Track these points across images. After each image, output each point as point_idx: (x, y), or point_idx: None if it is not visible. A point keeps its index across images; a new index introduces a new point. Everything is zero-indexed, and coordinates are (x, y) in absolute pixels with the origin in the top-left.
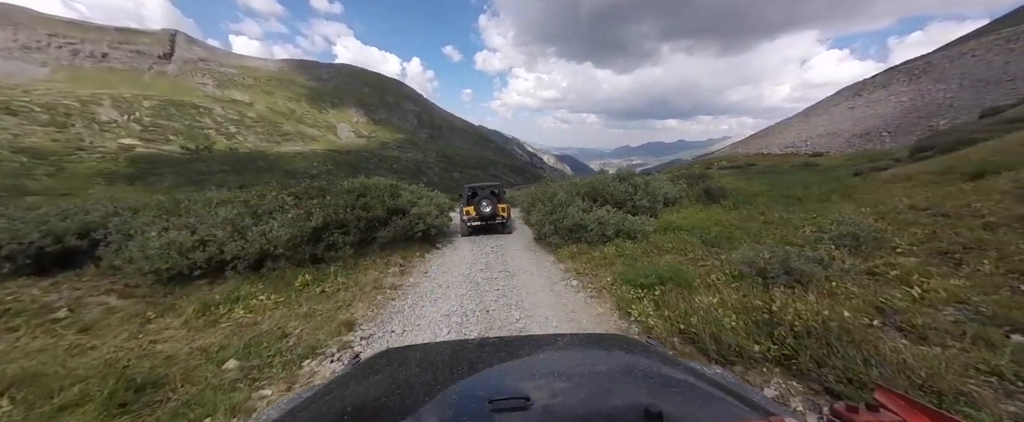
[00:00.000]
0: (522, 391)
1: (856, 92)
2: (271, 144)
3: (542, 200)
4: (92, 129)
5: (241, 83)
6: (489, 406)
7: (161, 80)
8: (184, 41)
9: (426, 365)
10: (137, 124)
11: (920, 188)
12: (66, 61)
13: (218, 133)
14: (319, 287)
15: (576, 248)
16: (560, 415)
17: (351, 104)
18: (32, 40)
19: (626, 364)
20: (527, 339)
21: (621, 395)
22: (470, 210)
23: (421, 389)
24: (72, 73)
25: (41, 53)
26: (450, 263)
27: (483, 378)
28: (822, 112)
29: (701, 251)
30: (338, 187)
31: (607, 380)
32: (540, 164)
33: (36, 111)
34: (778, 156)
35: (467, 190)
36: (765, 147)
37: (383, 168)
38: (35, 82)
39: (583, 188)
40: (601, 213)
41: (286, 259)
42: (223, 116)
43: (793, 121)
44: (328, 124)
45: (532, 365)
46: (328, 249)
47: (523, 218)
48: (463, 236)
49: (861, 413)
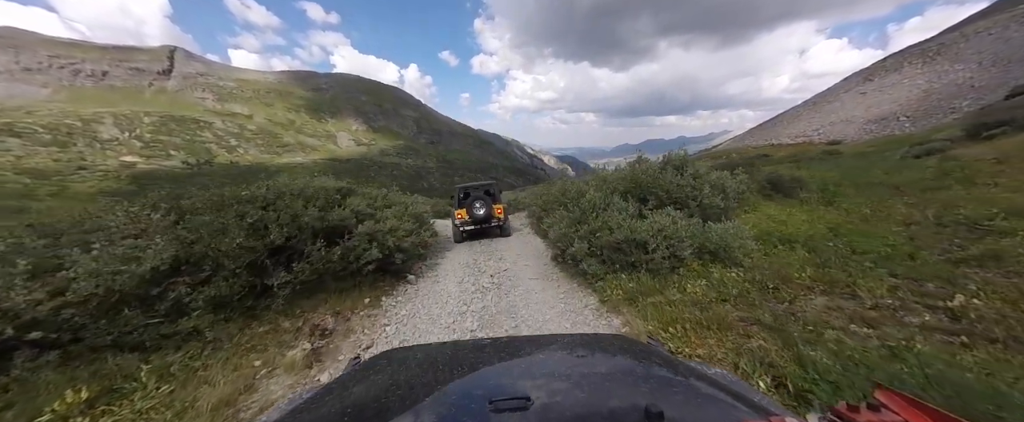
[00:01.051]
0: (522, 391)
1: (866, 77)
2: (272, 155)
3: (563, 203)
4: (94, 147)
5: (240, 96)
6: (489, 406)
7: (161, 96)
8: (183, 57)
9: (426, 365)
10: (138, 141)
11: None
12: (67, 81)
13: (219, 146)
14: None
15: (633, 283)
16: (560, 415)
17: (350, 113)
18: (33, 62)
19: (626, 364)
20: (527, 339)
21: (621, 395)
22: (462, 213)
23: (421, 389)
24: (74, 93)
25: (42, 74)
26: (423, 314)
27: (483, 378)
28: (832, 100)
29: (886, 289)
30: (213, 197)
31: (607, 380)
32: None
33: (39, 132)
34: (791, 146)
35: (458, 191)
36: (774, 138)
37: (383, 175)
38: (37, 103)
39: (621, 183)
40: (662, 220)
41: (68, 343)
42: (223, 129)
43: (801, 110)
44: (328, 133)
45: (532, 365)
46: (170, 315)
47: (532, 225)
48: (456, 242)
49: (862, 413)
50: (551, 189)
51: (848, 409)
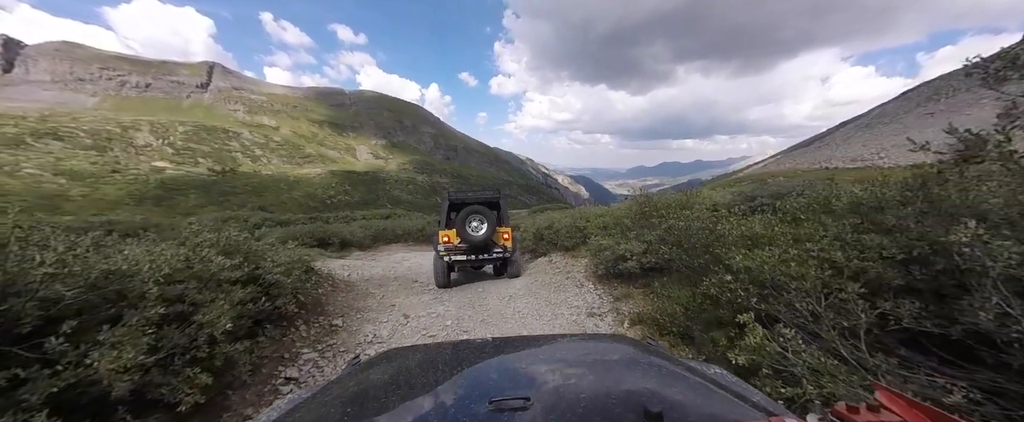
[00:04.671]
0: (522, 391)
1: (928, 97)
2: (293, 166)
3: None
4: (128, 152)
5: (269, 109)
6: (489, 406)
7: (197, 108)
8: (220, 72)
9: (426, 365)
10: (170, 147)
11: None
12: (114, 91)
13: (244, 155)
14: None
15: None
16: (560, 415)
17: (371, 127)
18: (86, 73)
19: (626, 364)
20: (527, 339)
21: (621, 395)
22: (449, 235)
23: (421, 389)
24: (118, 102)
25: (92, 84)
26: None
27: (483, 378)
28: (889, 121)
29: None
30: None
31: (607, 380)
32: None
33: (81, 136)
34: (853, 170)
35: (446, 201)
36: (825, 161)
37: (398, 189)
38: (84, 110)
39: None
40: None
41: None
42: (251, 140)
43: (853, 132)
44: (348, 146)
45: (532, 365)
46: None
47: (574, 281)
48: (438, 285)
49: (862, 413)
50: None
51: (848, 409)
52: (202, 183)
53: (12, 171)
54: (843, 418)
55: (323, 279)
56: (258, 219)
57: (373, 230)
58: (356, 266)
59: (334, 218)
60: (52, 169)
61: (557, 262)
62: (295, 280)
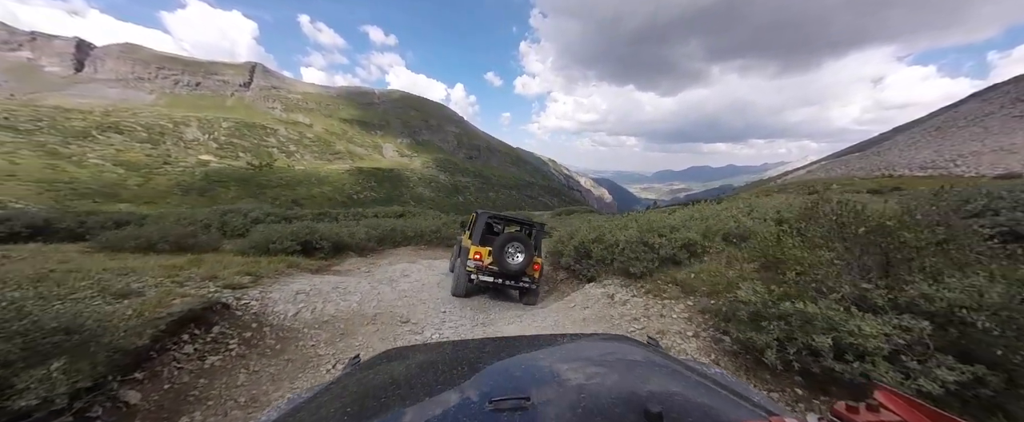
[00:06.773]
0: (522, 391)
1: (1015, 98)
2: (323, 162)
3: None
4: (179, 146)
5: (304, 107)
6: (490, 405)
7: (239, 105)
8: (261, 72)
9: (427, 365)
10: (214, 142)
11: None
12: (168, 90)
13: (280, 151)
14: None
15: None
16: (560, 415)
17: (397, 126)
18: (145, 72)
19: (626, 364)
20: (527, 339)
21: (621, 395)
22: (482, 253)
23: (422, 388)
24: (172, 99)
25: (150, 82)
26: None
27: (483, 378)
28: (964, 124)
29: None
30: None
31: (607, 380)
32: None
33: (138, 130)
34: (924, 179)
35: (481, 217)
36: (885, 168)
37: (421, 186)
38: (142, 106)
39: None
40: None
41: None
42: (286, 136)
43: (918, 136)
44: (375, 144)
45: (532, 365)
46: None
47: (603, 306)
48: (454, 294)
49: (861, 413)
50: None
51: (847, 409)
52: (241, 176)
53: (79, 161)
54: (843, 418)
55: (236, 326)
56: (259, 214)
57: (380, 230)
58: (325, 290)
59: (343, 215)
60: (112, 160)
61: (626, 301)
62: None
